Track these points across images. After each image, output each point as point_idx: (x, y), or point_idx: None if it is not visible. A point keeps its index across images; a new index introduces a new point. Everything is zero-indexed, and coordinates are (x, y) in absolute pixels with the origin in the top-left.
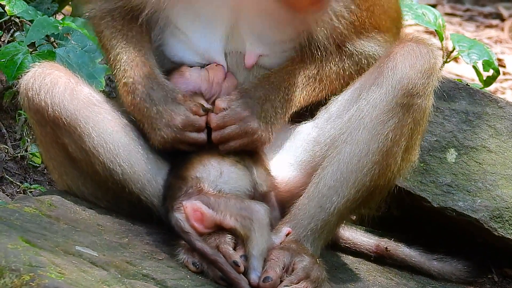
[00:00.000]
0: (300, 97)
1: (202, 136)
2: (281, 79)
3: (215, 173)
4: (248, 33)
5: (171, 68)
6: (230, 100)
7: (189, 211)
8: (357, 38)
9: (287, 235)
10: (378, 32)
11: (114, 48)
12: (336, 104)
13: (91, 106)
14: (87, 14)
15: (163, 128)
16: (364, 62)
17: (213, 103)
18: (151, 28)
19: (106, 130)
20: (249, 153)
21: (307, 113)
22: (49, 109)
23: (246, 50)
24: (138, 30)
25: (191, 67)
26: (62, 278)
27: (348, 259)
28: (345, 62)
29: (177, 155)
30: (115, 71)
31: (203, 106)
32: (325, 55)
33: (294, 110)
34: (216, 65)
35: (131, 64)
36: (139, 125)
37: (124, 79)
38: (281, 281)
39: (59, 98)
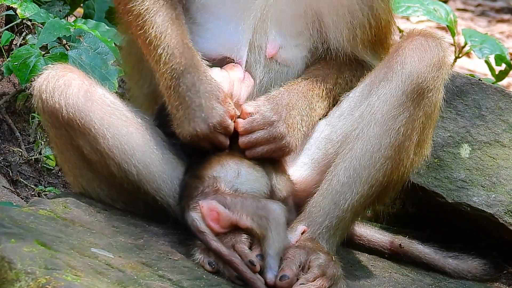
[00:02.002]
0: (322, 110)
1: (227, 141)
2: (307, 88)
3: (232, 174)
4: (274, 22)
5: None
6: (257, 105)
7: (205, 211)
8: (368, 52)
9: (302, 233)
10: (382, 50)
11: (159, 26)
12: (348, 101)
13: (105, 107)
14: None
15: (199, 122)
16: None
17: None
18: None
19: (121, 131)
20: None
21: None
22: (63, 111)
23: (268, 40)
24: (181, 9)
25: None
26: (78, 280)
27: (364, 256)
28: (353, 82)
29: (193, 155)
30: (159, 50)
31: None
32: (339, 66)
33: (317, 120)
34: (233, 65)
35: (180, 49)
36: (169, 110)
37: (172, 63)
38: (297, 279)
39: (73, 99)
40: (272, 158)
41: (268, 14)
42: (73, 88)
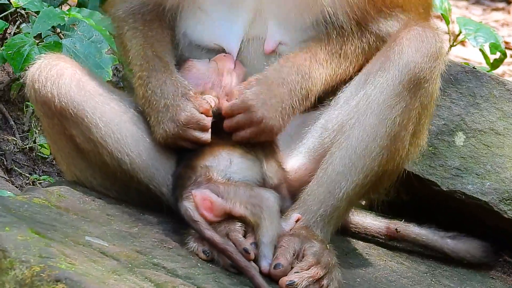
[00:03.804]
0: (326, 76)
1: (206, 136)
2: (303, 57)
3: (224, 163)
4: (272, 17)
5: (180, 63)
6: (242, 89)
7: (199, 200)
8: (378, 17)
9: (296, 221)
10: (401, 10)
11: (134, 47)
12: (343, 90)
13: (98, 96)
14: (113, 13)
15: (167, 122)
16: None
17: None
18: (177, 15)
19: (114, 120)
20: (261, 144)
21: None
22: (56, 100)
23: (267, 35)
24: (158, 30)
25: (199, 60)
26: (73, 269)
27: (359, 244)
28: (369, 38)
29: None
30: (132, 66)
31: (211, 107)
32: (348, 34)
33: (321, 90)
34: (224, 55)
35: (147, 59)
36: (147, 118)
37: (139, 72)
38: (291, 268)
39: (65, 89)
40: (260, 142)
41: (267, 9)
42: (66, 77)
